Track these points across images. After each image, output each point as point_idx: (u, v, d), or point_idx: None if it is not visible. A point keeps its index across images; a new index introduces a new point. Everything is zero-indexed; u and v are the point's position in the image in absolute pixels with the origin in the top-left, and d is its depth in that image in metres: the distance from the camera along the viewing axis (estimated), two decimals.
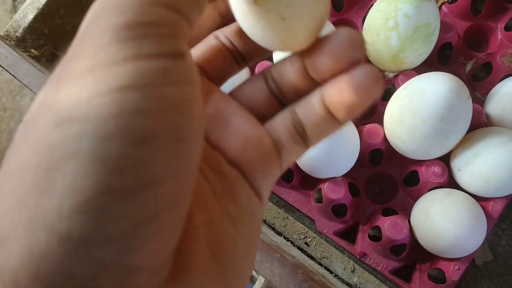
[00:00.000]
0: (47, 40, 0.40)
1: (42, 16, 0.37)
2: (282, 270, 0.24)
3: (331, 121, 0.17)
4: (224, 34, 0.18)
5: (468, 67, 0.41)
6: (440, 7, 0.42)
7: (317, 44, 0.16)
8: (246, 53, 0.18)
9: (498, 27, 0.41)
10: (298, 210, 0.41)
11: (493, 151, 0.32)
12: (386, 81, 0.41)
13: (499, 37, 0.41)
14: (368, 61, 0.40)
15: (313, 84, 0.17)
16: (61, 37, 0.40)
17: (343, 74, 0.16)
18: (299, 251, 0.36)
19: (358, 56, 0.16)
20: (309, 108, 0.17)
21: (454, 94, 0.30)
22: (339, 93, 0.16)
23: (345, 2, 0.43)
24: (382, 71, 0.41)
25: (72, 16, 0.40)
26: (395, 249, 0.36)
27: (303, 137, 0.17)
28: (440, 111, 0.30)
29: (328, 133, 0.17)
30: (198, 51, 0.18)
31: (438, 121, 0.31)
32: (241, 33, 0.18)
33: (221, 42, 0.18)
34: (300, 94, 0.17)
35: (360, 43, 0.16)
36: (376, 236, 0.38)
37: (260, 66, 0.40)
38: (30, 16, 0.37)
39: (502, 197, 0.35)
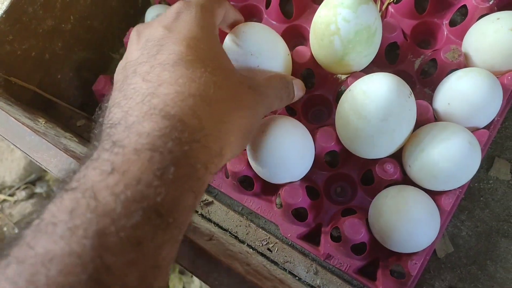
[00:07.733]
0: None
1: None
2: (230, 280, 0.24)
3: None
4: None
5: (417, 64, 0.41)
6: (386, 8, 0.43)
7: None
8: None
9: (443, 23, 0.42)
10: (262, 216, 0.41)
11: (438, 145, 0.32)
12: (338, 83, 0.42)
13: (445, 33, 0.42)
14: (318, 65, 0.40)
15: None
16: (13, 62, 0.40)
17: None
18: (262, 257, 0.36)
19: None
20: None
21: (394, 94, 0.31)
22: None
23: (294, 10, 0.44)
24: (334, 74, 0.42)
25: (21, 41, 0.40)
26: (356, 248, 0.37)
27: None
28: (382, 111, 0.31)
29: None
30: None
31: (380, 120, 0.31)
32: None
33: None
34: None
35: None
36: (339, 237, 0.38)
37: None
38: None
39: (454, 190, 0.35)
